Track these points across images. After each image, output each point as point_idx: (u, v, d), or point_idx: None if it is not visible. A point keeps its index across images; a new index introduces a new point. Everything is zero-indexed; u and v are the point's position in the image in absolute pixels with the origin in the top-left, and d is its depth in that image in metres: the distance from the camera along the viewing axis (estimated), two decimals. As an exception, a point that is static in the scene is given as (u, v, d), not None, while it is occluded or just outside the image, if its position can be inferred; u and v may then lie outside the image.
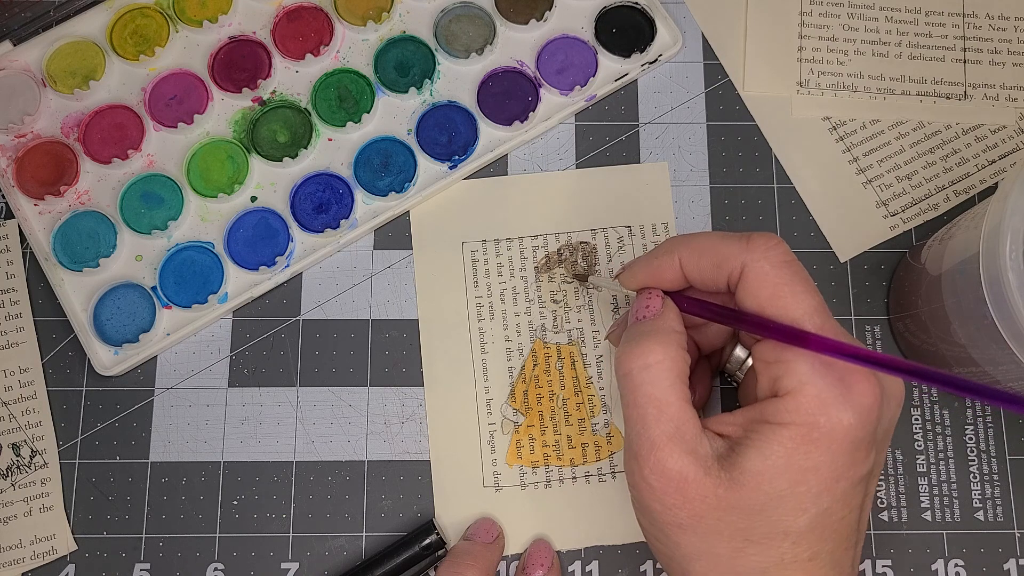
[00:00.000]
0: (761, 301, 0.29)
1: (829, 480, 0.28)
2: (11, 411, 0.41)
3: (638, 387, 0.29)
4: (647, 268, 0.33)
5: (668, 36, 0.45)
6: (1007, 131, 0.44)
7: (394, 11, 0.45)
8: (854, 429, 0.28)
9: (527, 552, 0.39)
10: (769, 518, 0.28)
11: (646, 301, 0.32)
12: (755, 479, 0.28)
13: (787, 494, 0.28)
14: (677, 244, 0.32)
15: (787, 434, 0.28)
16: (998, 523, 0.40)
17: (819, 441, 0.27)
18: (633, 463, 0.30)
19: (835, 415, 0.27)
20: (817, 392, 0.28)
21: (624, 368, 0.30)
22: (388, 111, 0.45)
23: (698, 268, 0.31)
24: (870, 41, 0.46)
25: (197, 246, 0.43)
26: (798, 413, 0.28)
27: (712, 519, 0.28)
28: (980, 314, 0.32)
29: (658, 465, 0.29)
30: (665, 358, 0.30)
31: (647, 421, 0.29)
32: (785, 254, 0.30)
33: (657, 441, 0.29)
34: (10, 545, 0.40)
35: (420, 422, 0.42)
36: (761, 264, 0.29)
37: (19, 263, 0.43)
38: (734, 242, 0.30)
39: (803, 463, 0.27)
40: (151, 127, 0.44)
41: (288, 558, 0.40)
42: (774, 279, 0.29)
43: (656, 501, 0.29)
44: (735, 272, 0.30)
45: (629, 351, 0.30)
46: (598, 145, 0.45)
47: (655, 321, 0.31)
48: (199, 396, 0.42)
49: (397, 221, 0.44)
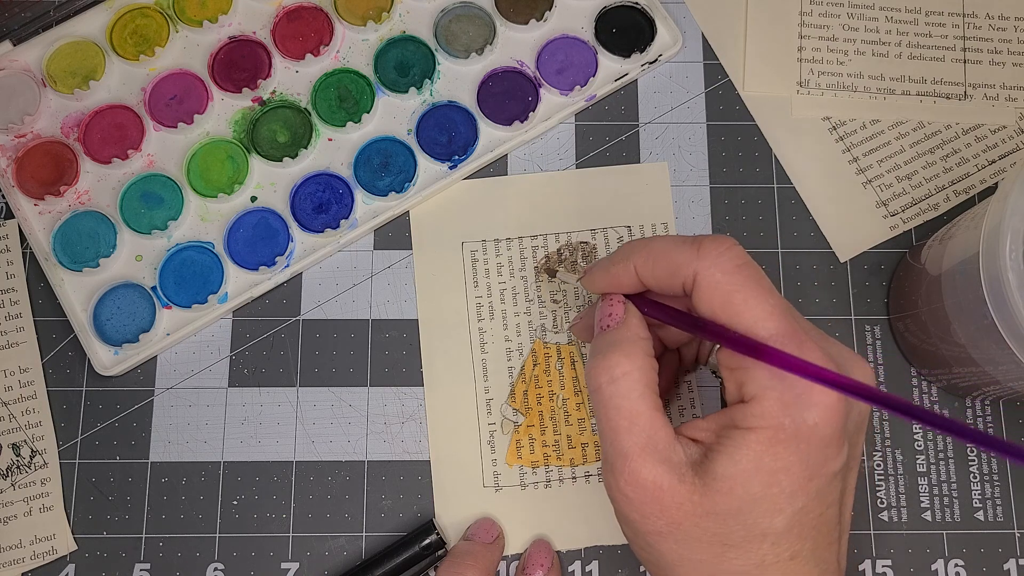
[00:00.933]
0: (714, 309, 0.29)
1: (802, 479, 0.28)
2: (11, 411, 0.41)
3: (608, 400, 0.30)
4: (606, 274, 0.33)
5: (668, 36, 0.45)
6: (1007, 131, 0.44)
7: (394, 11, 0.45)
8: (820, 428, 0.28)
9: (527, 552, 0.39)
10: (745, 521, 0.28)
11: (608, 309, 0.32)
12: (728, 484, 0.28)
13: (761, 496, 0.28)
14: (632, 250, 0.32)
15: (754, 437, 0.28)
16: (998, 523, 0.40)
17: (786, 442, 0.28)
18: (609, 475, 0.30)
19: (799, 416, 0.28)
20: (779, 395, 0.28)
21: (593, 383, 0.30)
22: (388, 111, 0.45)
23: (653, 275, 0.31)
24: (870, 41, 0.46)
25: (197, 246, 0.43)
26: (763, 417, 0.28)
27: (689, 525, 0.28)
28: (980, 314, 0.32)
29: (632, 476, 0.29)
30: (632, 369, 0.30)
31: (619, 433, 0.29)
32: (736, 258, 0.29)
33: (629, 452, 0.29)
34: (10, 545, 0.40)
35: (420, 422, 0.42)
36: (712, 272, 0.29)
37: (19, 263, 0.43)
38: (686, 249, 0.30)
39: (773, 464, 0.28)
40: (151, 127, 0.44)
41: (288, 558, 0.40)
42: (725, 287, 0.29)
43: (634, 511, 0.29)
44: (688, 280, 0.30)
45: (596, 365, 0.30)
46: (598, 145, 0.45)
47: (619, 331, 0.31)
48: (199, 396, 0.42)
49: (397, 221, 0.44)
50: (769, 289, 0.29)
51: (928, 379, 0.42)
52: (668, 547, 0.29)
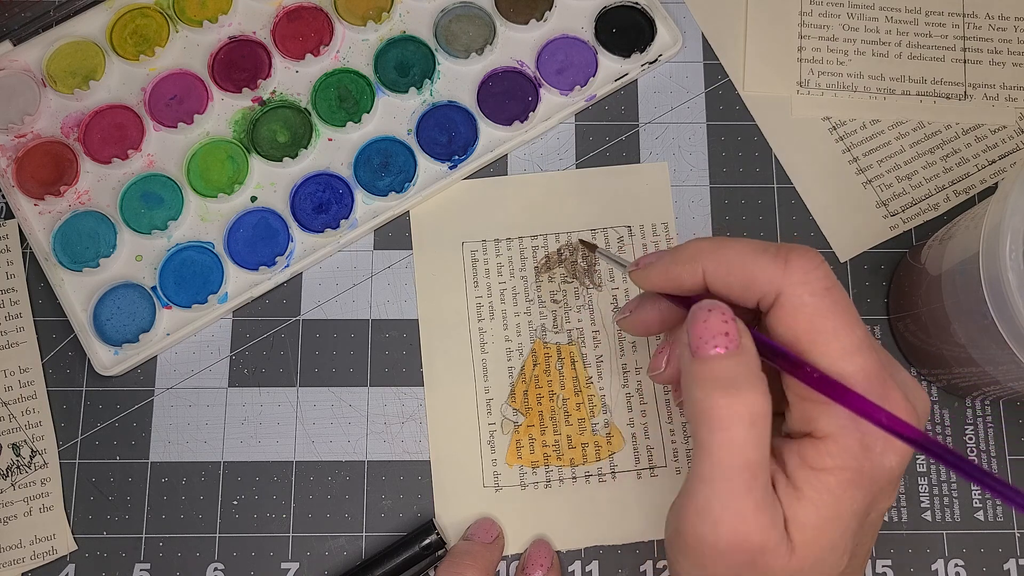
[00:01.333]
0: (797, 334, 0.26)
1: (863, 516, 0.27)
2: (11, 411, 0.41)
3: (738, 448, 0.25)
4: (666, 273, 0.29)
5: (668, 36, 0.45)
6: (1007, 131, 0.44)
7: (394, 11, 0.45)
8: (896, 470, 0.26)
9: (527, 552, 0.39)
10: (822, 568, 0.27)
11: (722, 328, 0.26)
12: (814, 535, 0.26)
13: (837, 541, 0.26)
14: (703, 252, 0.28)
15: (833, 480, 0.26)
16: (998, 523, 0.40)
17: (863, 485, 0.26)
18: (706, 527, 0.26)
19: (879, 459, 0.26)
20: (860, 437, 0.26)
21: (722, 421, 0.25)
22: (388, 111, 0.45)
23: (725, 284, 0.27)
24: (870, 41, 0.46)
25: (197, 246, 0.43)
26: (841, 457, 0.26)
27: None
28: (980, 314, 0.32)
29: (739, 536, 0.25)
30: (768, 412, 0.25)
31: (737, 489, 0.25)
32: (826, 278, 0.26)
33: (747, 514, 0.25)
34: (10, 545, 0.40)
35: (420, 422, 0.42)
36: (801, 292, 0.26)
37: (19, 263, 0.43)
38: (770, 262, 0.26)
39: (849, 508, 0.26)
40: (151, 127, 0.44)
41: (288, 558, 0.40)
42: (813, 310, 0.26)
43: (721, 565, 0.26)
44: (768, 297, 0.27)
45: (727, 402, 0.25)
46: (598, 145, 0.45)
47: (743, 357, 0.26)
48: (199, 396, 0.42)
49: (397, 221, 0.44)
50: (856, 318, 0.26)
51: (928, 379, 0.42)
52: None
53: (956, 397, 0.41)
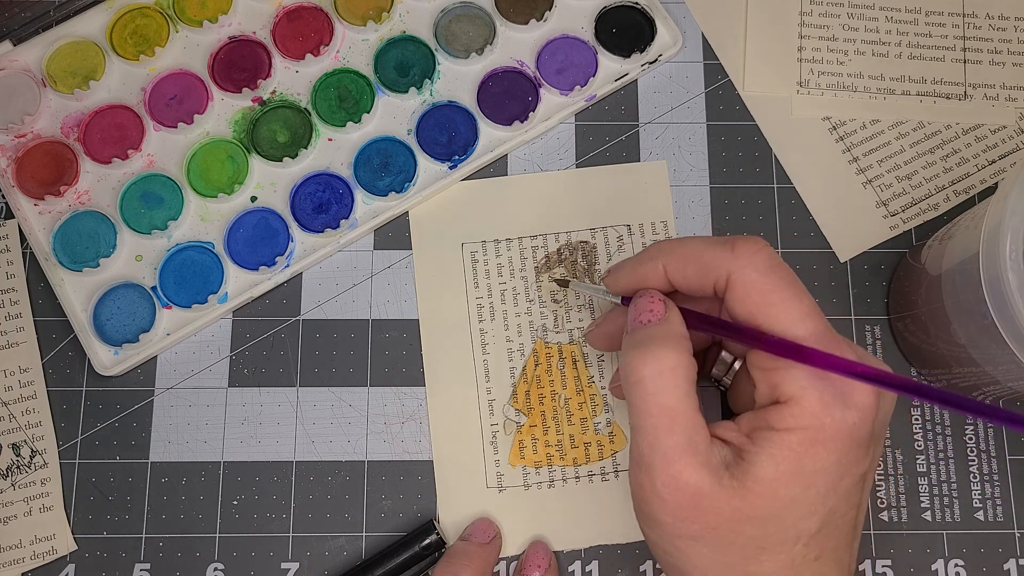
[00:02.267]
0: (750, 308, 0.29)
1: (834, 479, 0.28)
2: (11, 411, 0.41)
3: (652, 395, 0.28)
4: (632, 274, 0.33)
5: (668, 36, 0.45)
6: (1007, 131, 0.44)
7: (394, 11, 0.45)
8: (857, 427, 0.28)
9: (525, 554, 0.39)
10: (783, 524, 0.28)
11: (648, 304, 0.31)
12: (770, 487, 0.28)
13: (799, 498, 0.28)
14: (662, 251, 0.32)
15: (795, 439, 0.28)
16: (998, 523, 0.40)
17: (826, 442, 0.28)
18: (643, 476, 0.29)
19: (839, 416, 0.28)
20: (819, 396, 0.28)
21: (636, 375, 0.29)
22: (388, 111, 0.45)
23: (683, 276, 0.31)
24: (870, 41, 0.46)
25: (197, 246, 0.43)
26: (803, 417, 0.28)
27: (726, 530, 0.28)
28: (980, 314, 0.32)
29: (672, 479, 0.28)
30: (678, 365, 0.29)
31: (659, 432, 0.28)
32: (771, 258, 0.29)
33: (670, 453, 0.28)
34: (10, 545, 0.40)
35: (420, 422, 0.42)
36: (748, 271, 0.29)
37: (19, 263, 0.43)
38: (719, 249, 0.30)
39: (812, 465, 0.28)
40: (151, 127, 0.44)
41: (288, 558, 0.40)
42: (762, 286, 0.29)
43: (667, 515, 0.28)
44: (721, 280, 0.30)
45: (640, 356, 0.29)
46: (598, 145, 0.45)
47: (663, 325, 0.30)
48: (199, 396, 0.42)
49: (397, 221, 0.44)
50: (803, 290, 0.29)
51: (928, 379, 0.42)
52: (699, 551, 0.29)
53: (956, 397, 0.41)
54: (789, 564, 0.28)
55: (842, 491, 0.28)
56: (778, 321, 0.28)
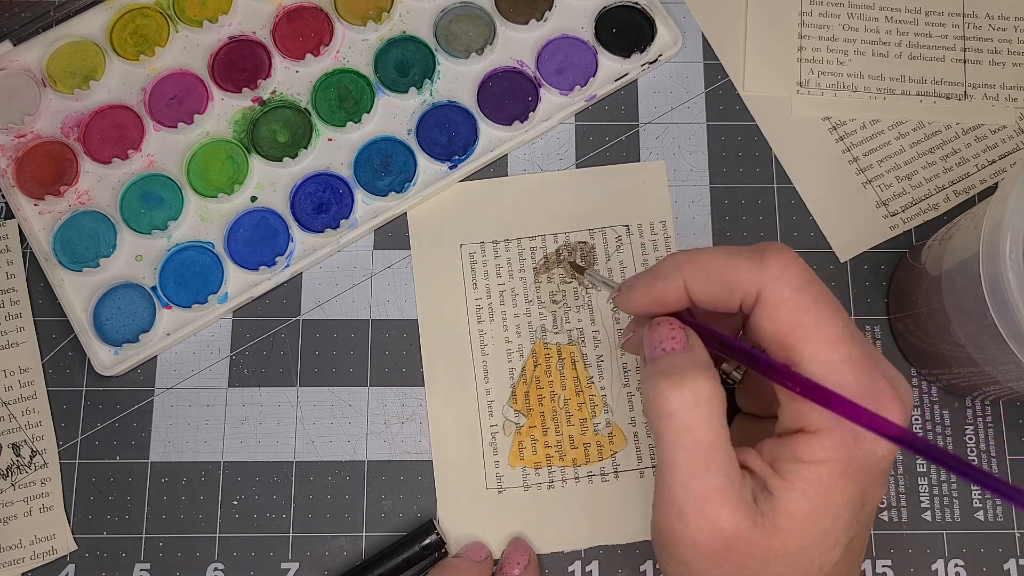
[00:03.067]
0: (783, 330, 0.27)
1: (856, 508, 0.27)
2: (11, 411, 0.41)
3: (688, 430, 0.26)
4: (649, 292, 0.30)
5: (668, 36, 0.45)
6: (1007, 131, 0.44)
7: (394, 11, 0.45)
8: (885, 459, 0.27)
9: (504, 552, 0.39)
10: (810, 557, 0.27)
11: (669, 332, 0.29)
12: (801, 523, 0.26)
13: (828, 530, 0.27)
14: (682, 264, 0.29)
15: (824, 471, 0.26)
16: (998, 523, 0.40)
17: (855, 475, 0.26)
18: (674, 518, 0.27)
19: (869, 448, 0.26)
20: (851, 427, 0.26)
21: (668, 407, 0.26)
22: (388, 111, 0.45)
23: (707, 291, 0.28)
24: (870, 41, 0.46)
25: (197, 246, 0.43)
26: (833, 450, 0.26)
27: (757, 569, 0.27)
28: (980, 314, 0.32)
29: (709, 523, 0.26)
30: (713, 395, 0.26)
31: (694, 471, 0.26)
32: (804, 272, 0.27)
33: (707, 495, 0.26)
34: (10, 545, 0.40)
35: (420, 422, 0.42)
36: (781, 288, 0.27)
37: (19, 263, 0.43)
38: (746, 263, 0.27)
39: (840, 499, 0.26)
40: (151, 127, 0.44)
41: (288, 558, 0.40)
42: (796, 306, 0.27)
43: (700, 559, 0.27)
44: (750, 297, 0.27)
45: (671, 385, 0.26)
46: (598, 145, 0.45)
47: (688, 354, 0.28)
48: (199, 396, 0.42)
49: (397, 221, 0.44)
50: (838, 309, 0.27)
51: (928, 379, 0.42)
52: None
53: (956, 397, 0.41)
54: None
55: (863, 519, 0.27)
56: (811, 344, 0.26)
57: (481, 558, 0.39)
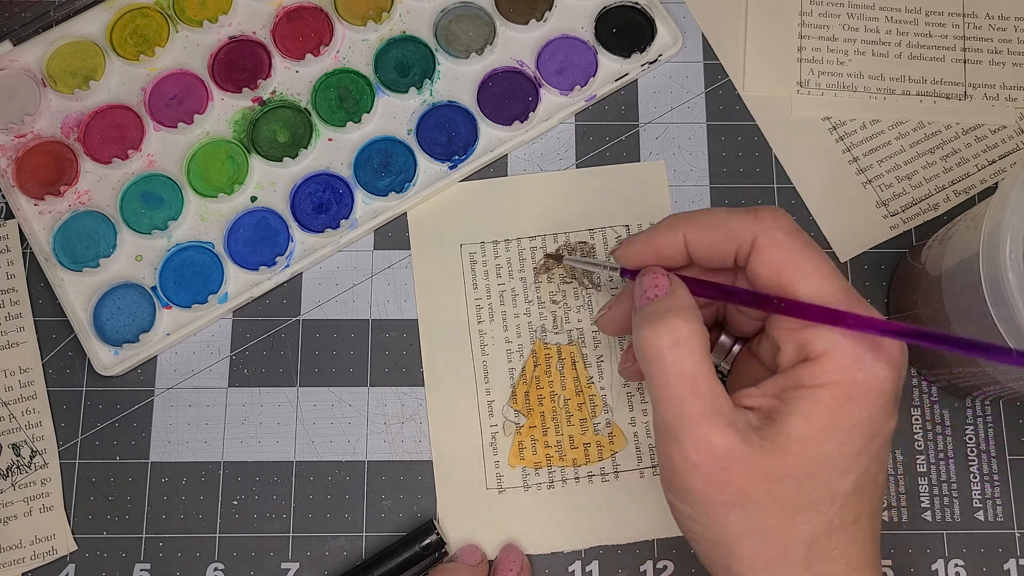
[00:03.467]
0: (777, 269, 0.29)
1: (867, 437, 0.28)
2: (11, 411, 0.41)
3: (670, 366, 0.28)
4: (648, 244, 0.32)
5: (668, 36, 0.45)
6: (1007, 131, 0.44)
7: (394, 11, 0.45)
8: (889, 381, 0.28)
9: (498, 558, 0.39)
10: (818, 482, 0.28)
11: (653, 280, 0.31)
12: (803, 444, 0.27)
13: (834, 455, 0.27)
14: (682, 220, 0.32)
15: (828, 394, 0.27)
16: (998, 523, 0.40)
17: (859, 398, 0.27)
18: (672, 446, 0.28)
19: (872, 369, 0.27)
20: (852, 349, 0.27)
21: (652, 348, 0.29)
22: (388, 111, 0.45)
23: (706, 243, 0.31)
24: (870, 41, 0.46)
25: (197, 246, 0.43)
26: (836, 372, 0.27)
27: (760, 492, 0.28)
28: (980, 314, 0.32)
29: (701, 443, 0.27)
30: (692, 333, 0.29)
31: (682, 399, 0.28)
32: (792, 223, 0.30)
33: (697, 419, 0.28)
34: (10, 545, 0.40)
35: (420, 422, 0.42)
36: (774, 233, 0.29)
37: (19, 263, 0.43)
38: (741, 215, 0.30)
39: (846, 422, 0.27)
40: (151, 127, 0.44)
41: (288, 558, 0.40)
42: (788, 246, 0.29)
43: (699, 481, 0.28)
44: (746, 244, 0.30)
45: (654, 329, 0.29)
46: (598, 145, 0.45)
47: (670, 299, 0.30)
48: (199, 396, 0.42)
49: (397, 221, 0.44)
50: (824, 254, 0.30)
51: (928, 379, 0.42)
52: (734, 518, 0.28)
53: (956, 397, 0.42)
54: (827, 527, 0.28)
55: (874, 451, 0.28)
56: (808, 280, 0.29)
57: (476, 561, 0.39)
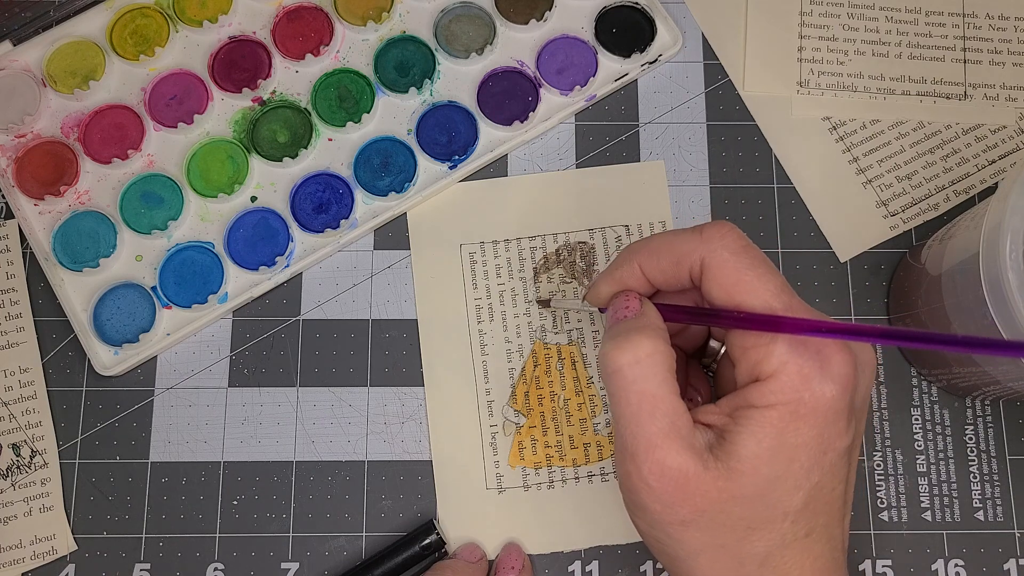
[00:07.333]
0: (727, 288, 0.29)
1: (817, 454, 0.28)
2: (11, 411, 0.41)
3: (630, 384, 0.29)
4: (610, 280, 0.33)
5: (668, 36, 0.45)
6: (1007, 131, 0.44)
7: (394, 11, 0.45)
8: (836, 400, 0.28)
9: (498, 557, 0.39)
10: (769, 501, 0.28)
11: (624, 302, 0.32)
12: (752, 464, 0.28)
13: (783, 474, 0.28)
14: (634, 250, 0.32)
15: (775, 415, 0.28)
16: (998, 523, 0.40)
17: (806, 416, 0.28)
18: (629, 464, 0.29)
19: (818, 388, 0.28)
20: (798, 369, 0.28)
21: (613, 365, 0.29)
22: (388, 111, 0.45)
23: (659, 269, 0.31)
24: (870, 41, 0.46)
25: (197, 246, 0.43)
26: (783, 392, 0.28)
27: (715, 512, 0.28)
28: (980, 314, 0.32)
29: (657, 464, 0.28)
30: (655, 351, 0.29)
31: (641, 419, 0.28)
32: (740, 239, 0.30)
33: (654, 439, 0.28)
34: (10, 545, 0.40)
35: (420, 422, 0.42)
36: (720, 253, 0.30)
37: (19, 263, 0.43)
38: (688, 237, 0.30)
39: (794, 440, 0.28)
40: (151, 127, 0.44)
41: (288, 558, 0.40)
42: (735, 265, 0.29)
43: (656, 501, 0.29)
44: (696, 266, 0.30)
45: (616, 347, 0.29)
46: (598, 145, 0.45)
47: (638, 319, 0.31)
48: (199, 396, 0.42)
49: (397, 221, 0.44)
50: (774, 268, 0.30)
51: (928, 379, 0.42)
52: (691, 536, 0.29)
53: (956, 397, 0.42)
54: (780, 542, 0.28)
55: (826, 465, 0.28)
56: (755, 296, 0.29)
57: (476, 559, 0.39)
